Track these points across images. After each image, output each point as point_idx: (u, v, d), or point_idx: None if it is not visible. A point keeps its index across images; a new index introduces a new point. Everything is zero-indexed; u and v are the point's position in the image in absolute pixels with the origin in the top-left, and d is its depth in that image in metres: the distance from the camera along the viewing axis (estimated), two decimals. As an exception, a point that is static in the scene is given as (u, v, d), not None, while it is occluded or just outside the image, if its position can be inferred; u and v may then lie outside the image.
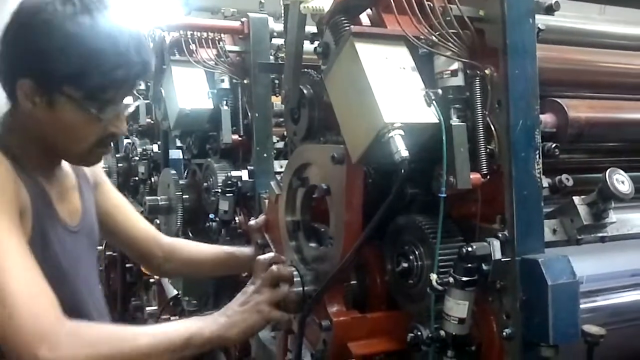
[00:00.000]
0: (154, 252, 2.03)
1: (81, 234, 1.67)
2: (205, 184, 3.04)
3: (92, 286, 1.71)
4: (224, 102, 2.88)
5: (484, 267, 1.35)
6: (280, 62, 2.75)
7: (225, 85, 2.89)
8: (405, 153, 1.30)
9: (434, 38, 1.39)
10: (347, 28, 1.48)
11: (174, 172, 3.31)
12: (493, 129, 1.38)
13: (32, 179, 1.51)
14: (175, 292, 3.42)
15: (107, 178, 1.98)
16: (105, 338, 1.37)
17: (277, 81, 2.80)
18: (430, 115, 1.37)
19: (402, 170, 1.33)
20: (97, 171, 1.89)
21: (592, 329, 1.35)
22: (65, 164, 1.69)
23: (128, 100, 1.57)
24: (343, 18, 1.53)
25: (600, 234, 1.46)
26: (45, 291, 1.35)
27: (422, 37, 1.41)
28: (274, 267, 1.63)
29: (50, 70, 1.43)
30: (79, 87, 1.45)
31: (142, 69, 1.51)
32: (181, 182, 3.26)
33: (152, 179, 4.02)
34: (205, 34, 2.86)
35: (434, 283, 1.36)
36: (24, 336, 1.27)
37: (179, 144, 3.62)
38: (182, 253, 2.03)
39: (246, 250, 1.91)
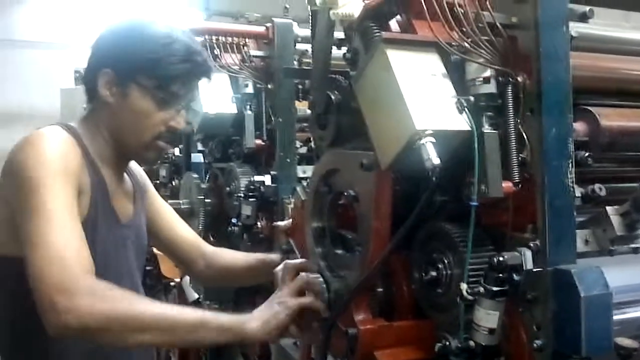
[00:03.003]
0: (195, 259, 2.11)
1: (130, 230, 1.80)
2: (227, 189, 3.04)
3: (133, 284, 1.79)
4: (248, 107, 2.88)
5: (515, 277, 1.33)
6: (305, 67, 2.75)
7: (249, 90, 2.89)
8: (437, 160, 1.29)
9: (466, 44, 1.38)
10: (378, 34, 1.48)
11: (196, 175, 3.31)
12: (525, 137, 1.36)
13: (96, 170, 1.69)
14: (195, 295, 3.42)
15: (152, 186, 2.12)
16: (121, 299, 1.46)
17: (300, 86, 2.80)
18: (461, 122, 1.36)
19: (434, 178, 1.32)
20: (145, 178, 2.05)
21: (624, 341, 1.33)
22: (126, 176, 1.87)
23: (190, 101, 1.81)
24: (373, 24, 1.52)
25: (634, 245, 1.44)
26: (80, 248, 1.47)
27: (453, 43, 1.40)
28: (303, 274, 1.63)
29: (127, 60, 1.68)
30: (150, 75, 1.67)
31: (205, 70, 1.77)
32: (203, 186, 3.26)
33: (173, 183, 4.02)
34: (229, 39, 2.86)
35: (464, 293, 1.35)
36: (47, 281, 1.40)
37: (200, 147, 3.62)
38: (220, 261, 2.10)
39: (273, 256, 1.93)
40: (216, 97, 2.93)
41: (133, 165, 1.94)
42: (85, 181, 1.63)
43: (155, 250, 4.40)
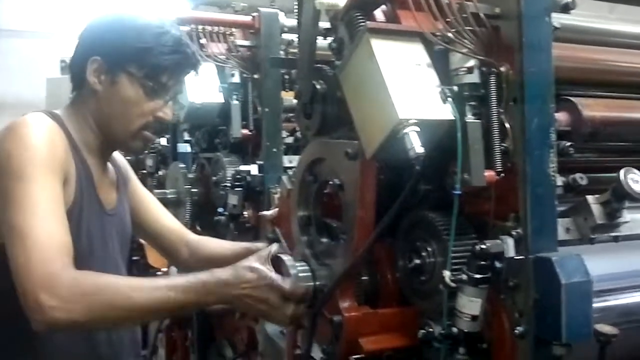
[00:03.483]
0: (179, 248, 2.10)
1: (114, 219, 1.80)
2: (214, 178, 3.04)
3: (118, 274, 1.77)
4: (234, 97, 2.88)
5: (497, 264, 1.35)
6: (291, 57, 2.75)
7: (236, 79, 2.90)
8: (420, 149, 1.31)
9: (450, 35, 1.39)
10: (363, 24, 1.48)
11: (183, 165, 3.32)
12: (508, 126, 1.38)
13: (81, 158, 1.68)
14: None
15: (135, 176, 2.10)
16: (103, 288, 1.46)
17: (287, 76, 2.80)
18: (445, 112, 1.37)
19: (417, 167, 1.33)
20: (127, 167, 2.05)
21: (604, 328, 1.35)
22: (109, 164, 1.86)
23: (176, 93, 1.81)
24: (358, 14, 1.53)
25: (614, 234, 1.46)
26: (62, 238, 1.47)
27: (438, 33, 1.41)
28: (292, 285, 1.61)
29: (119, 49, 1.68)
30: (141, 65, 1.68)
31: (194, 62, 1.78)
32: (190, 175, 3.26)
33: (160, 172, 4.02)
34: (216, 29, 2.86)
35: (447, 280, 1.36)
36: (31, 279, 1.40)
37: (187, 137, 3.62)
38: (205, 250, 2.08)
39: (260, 245, 1.93)
40: (202, 86, 2.94)
41: (115, 154, 1.94)
42: (71, 170, 1.62)
43: (142, 239, 4.41)
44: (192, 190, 3.21)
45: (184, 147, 3.55)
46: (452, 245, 1.38)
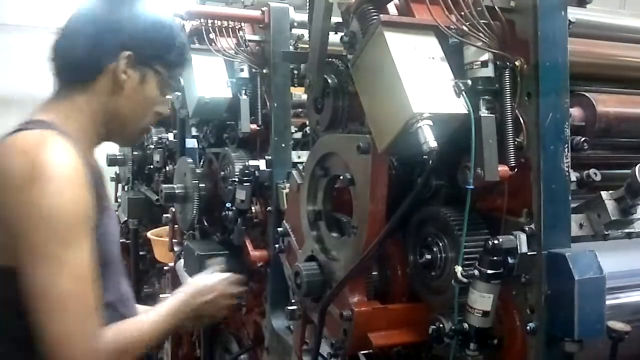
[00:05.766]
0: None
1: (114, 214, 1.74)
2: (222, 173, 3.03)
3: (124, 274, 1.80)
4: (243, 92, 2.87)
5: (510, 260, 1.34)
6: (300, 52, 2.74)
7: (245, 74, 2.88)
8: (434, 144, 1.29)
9: (464, 28, 1.38)
10: (376, 17, 1.47)
11: (191, 160, 3.30)
12: (522, 121, 1.37)
13: (91, 165, 1.54)
14: (189, 279, 3.42)
15: None
16: (128, 350, 1.53)
17: (296, 71, 2.79)
18: (459, 106, 1.36)
19: (430, 161, 1.32)
20: None
21: (616, 325, 1.33)
22: None
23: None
24: (371, 7, 1.52)
25: (627, 230, 1.45)
26: (91, 307, 1.43)
27: (452, 26, 1.40)
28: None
29: (153, 45, 1.61)
30: (169, 62, 1.64)
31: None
32: (198, 170, 3.25)
33: (167, 168, 4.02)
34: (225, 23, 2.84)
35: (459, 275, 1.35)
36: (73, 352, 1.38)
37: (194, 132, 3.61)
38: None
39: None
40: (211, 81, 2.92)
41: None
42: (92, 194, 1.48)
43: (149, 234, 4.42)
44: (200, 185, 3.19)
45: (192, 143, 3.54)
46: (464, 240, 1.37)
